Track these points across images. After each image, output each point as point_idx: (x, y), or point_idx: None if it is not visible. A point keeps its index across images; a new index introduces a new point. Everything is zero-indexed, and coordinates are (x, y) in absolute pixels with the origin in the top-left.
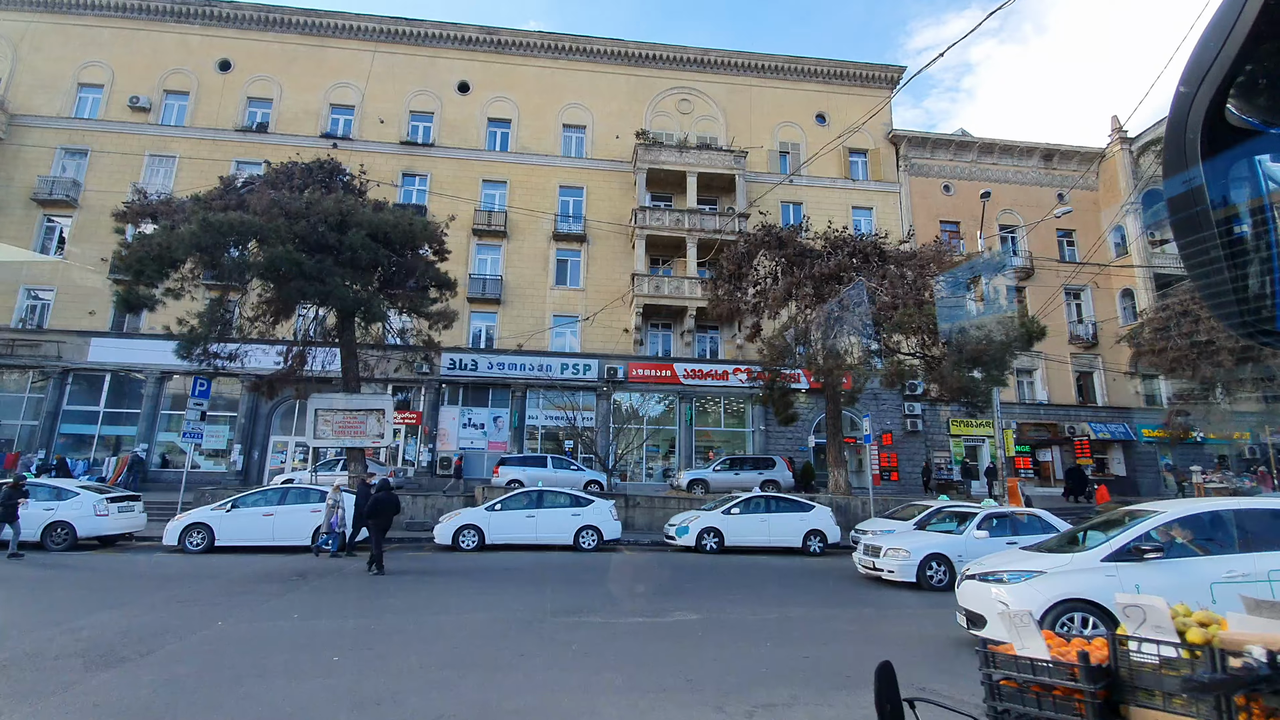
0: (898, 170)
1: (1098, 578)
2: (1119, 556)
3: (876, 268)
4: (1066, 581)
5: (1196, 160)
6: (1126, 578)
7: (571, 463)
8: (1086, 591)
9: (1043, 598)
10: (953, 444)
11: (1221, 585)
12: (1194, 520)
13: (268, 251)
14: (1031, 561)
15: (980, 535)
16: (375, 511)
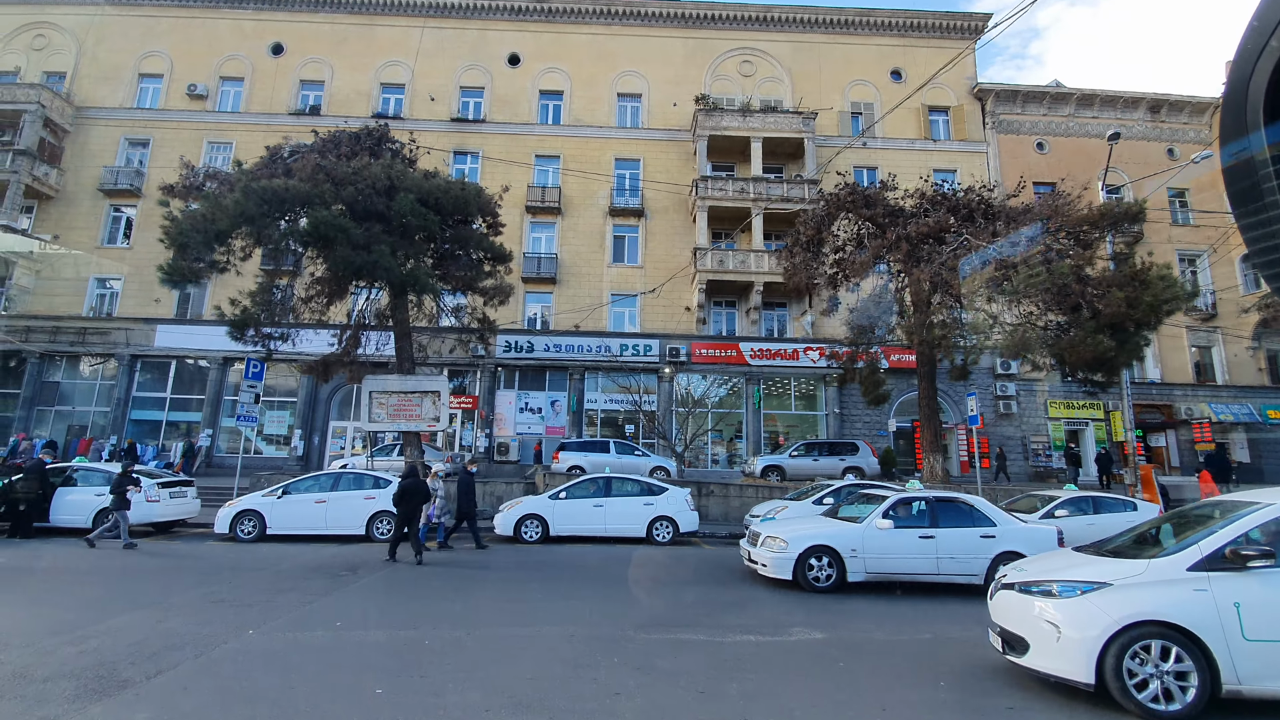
0: (984, 128)
1: (1182, 592)
2: (1212, 564)
3: (984, 225)
4: (1139, 597)
5: (1258, 127)
6: (1223, 593)
7: (635, 448)
8: (1168, 612)
9: (1108, 618)
10: (1051, 427)
11: None
12: None
13: (312, 216)
14: (1091, 567)
15: (884, 525)
16: (402, 498)
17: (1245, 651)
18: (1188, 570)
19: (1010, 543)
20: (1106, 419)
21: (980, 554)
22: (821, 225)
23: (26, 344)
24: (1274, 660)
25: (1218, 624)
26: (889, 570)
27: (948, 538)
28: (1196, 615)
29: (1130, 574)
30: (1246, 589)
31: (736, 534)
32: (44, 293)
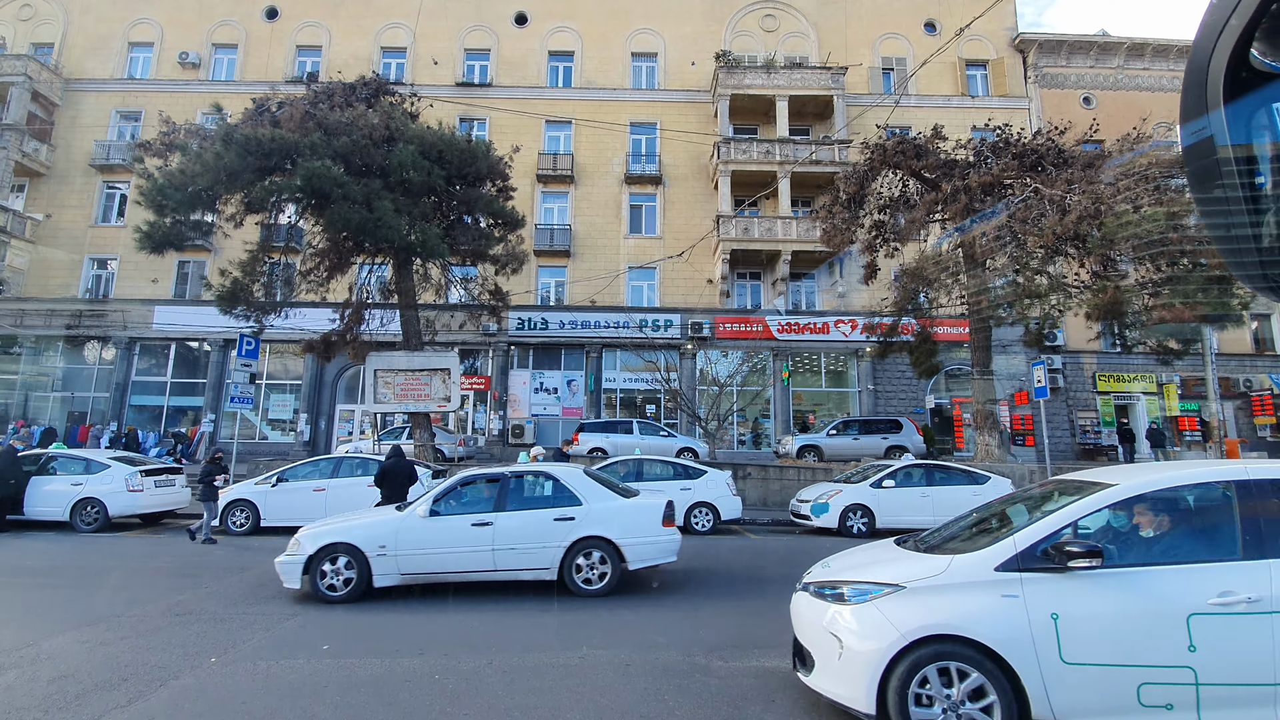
0: (1025, 82)
1: (987, 599)
2: (1027, 563)
3: (1055, 173)
4: (934, 604)
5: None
6: (1039, 601)
7: (660, 428)
8: (965, 624)
9: (894, 632)
10: (1100, 402)
11: (1206, 619)
12: (1168, 500)
13: (303, 168)
14: (895, 566)
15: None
16: (383, 480)
17: (1062, 677)
18: (996, 570)
19: (594, 525)
20: (1159, 392)
21: (552, 541)
22: (865, 181)
23: (21, 328)
24: (1097, 689)
25: (1029, 641)
26: (429, 570)
27: (509, 524)
28: (1002, 629)
29: (927, 574)
30: (1067, 596)
31: (779, 520)
32: (38, 274)
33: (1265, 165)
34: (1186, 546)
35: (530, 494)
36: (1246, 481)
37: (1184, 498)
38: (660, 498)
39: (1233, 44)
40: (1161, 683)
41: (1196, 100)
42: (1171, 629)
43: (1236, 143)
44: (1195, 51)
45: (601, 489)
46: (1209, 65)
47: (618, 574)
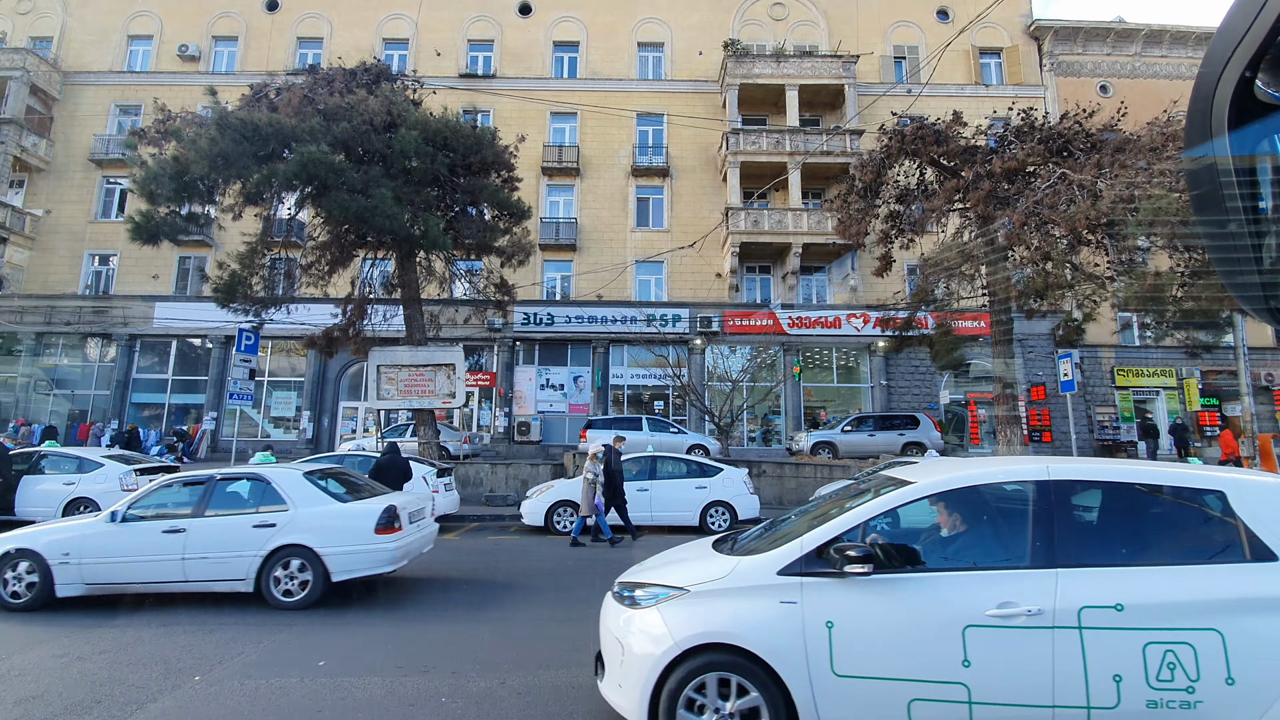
0: (1041, 70)
1: (765, 605)
2: (809, 566)
3: (1083, 158)
4: (712, 610)
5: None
6: (814, 608)
7: (670, 424)
8: (739, 631)
9: (670, 639)
10: (1119, 397)
11: (983, 632)
12: (963, 501)
13: (299, 153)
14: (691, 567)
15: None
16: (378, 475)
17: (833, 691)
18: (778, 575)
19: (295, 532)
20: (1179, 387)
21: (248, 550)
22: (882, 169)
23: (21, 325)
24: (867, 704)
25: (801, 651)
26: (115, 580)
27: (203, 531)
28: (776, 638)
29: (713, 577)
30: (844, 604)
31: None
32: (38, 271)
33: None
34: (974, 552)
35: (235, 498)
36: (1045, 483)
37: (979, 499)
38: (380, 502)
39: (1238, 75)
40: (933, 699)
41: (1200, 127)
42: (946, 641)
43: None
44: (1200, 80)
45: (318, 493)
46: (1214, 94)
47: (320, 585)
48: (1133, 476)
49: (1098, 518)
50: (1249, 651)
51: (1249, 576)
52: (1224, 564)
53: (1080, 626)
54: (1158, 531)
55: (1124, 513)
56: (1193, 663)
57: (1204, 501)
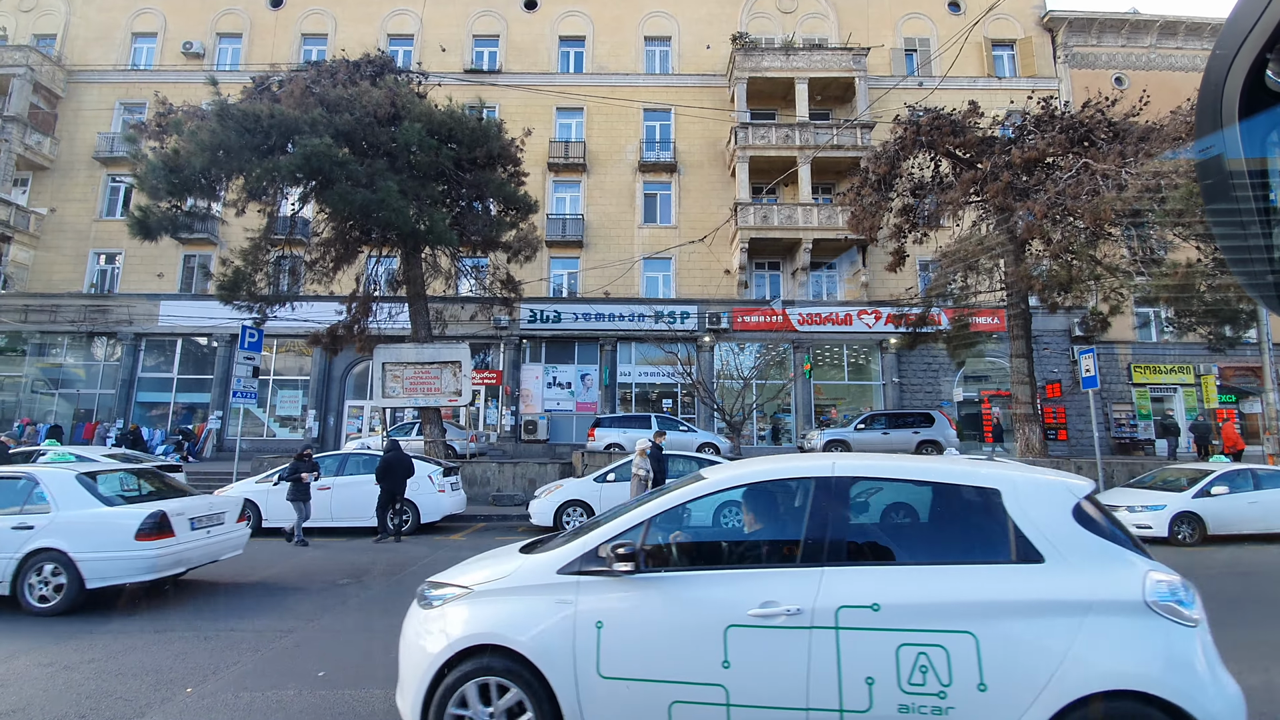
0: (1055, 62)
1: (541, 606)
2: (587, 565)
3: (1106, 147)
4: (488, 611)
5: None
6: (587, 608)
7: (679, 422)
8: (509, 633)
9: (445, 641)
10: (1136, 395)
11: (744, 632)
12: (750, 498)
13: (302, 145)
14: (485, 566)
15: None
16: (387, 473)
17: (598, 693)
18: (557, 574)
19: (52, 536)
20: (1197, 384)
21: (3, 553)
22: (896, 161)
23: (26, 324)
24: (630, 707)
25: (569, 652)
26: None
27: None
28: (545, 639)
29: (497, 577)
30: (615, 604)
31: None
32: (43, 269)
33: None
34: (750, 550)
35: (4, 497)
36: (826, 479)
37: (768, 496)
38: (147, 508)
39: (1249, 64)
40: (693, 701)
41: (1210, 117)
42: (709, 642)
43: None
44: (1210, 69)
45: (84, 495)
46: (1224, 83)
47: (74, 592)
48: (913, 474)
49: (873, 515)
50: (1003, 656)
51: (1010, 578)
52: (988, 565)
53: (837, 627)
54: (930, 530)
55: (899, 510)
56: (945, 666)
57: (980, 500)
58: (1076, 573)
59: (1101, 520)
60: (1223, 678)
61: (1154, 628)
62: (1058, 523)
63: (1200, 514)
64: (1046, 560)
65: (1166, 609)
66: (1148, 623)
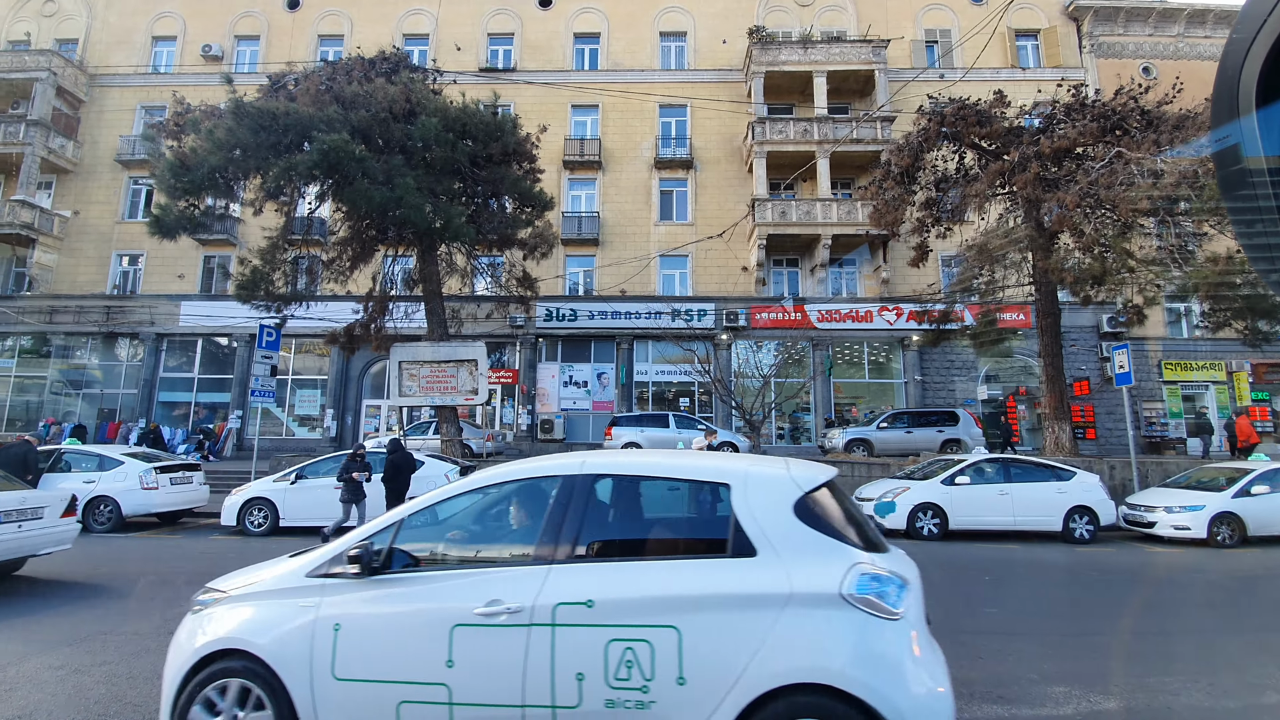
0: (1080, 52)
1: (285, 609)
2: (334, 567)
3: (1139, 136)
4: (238, 614)
5: (1250, 110)
6: (329, 610)
7: (697, 421)
8: (250, 637)
9: (192, 646)
10: (1166, 392)
11: (467, 631)
12: (504, 496)
13: (319, 142)
14: (257, 570)
15: None
16: (397, 474)
17: (332, 695)
18: (306, 577)
19: None
20: (1229, 381)
21: None
22: (919, 153)
23: (51, 325)
24: (362, 708)
25: (307, 655)
26: None
27: None
28: (286, 643)
29: (254, 580)
30: (352, 605)
31: None
32: (67, 271)
33: None
34: (496, 550)
35: None
36: (571, 477)
37: (519, 495)
38: None
39: (1265, 52)
40: (419, 701)
41: (1226, 107)
42: (435, 641)
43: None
44: (1226, 58)
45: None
46: (1240, 72)
47: None
48: (654, 470)
49: (609, 513)
50: (702, 650)
51: (718, 572)
52: (703, 559)
53: (554, 624)
54: (660, 524)
55: (632, 506)
56: (649, 661)
57: (710, 495)
58: (783, 566)
59: (827, 514)
60: (918, 673)
61: (847, 620)
62: (776, 517)
63: (1240, 514)
64: (759, 554)
65: (863, 601)
66: (842, 615)
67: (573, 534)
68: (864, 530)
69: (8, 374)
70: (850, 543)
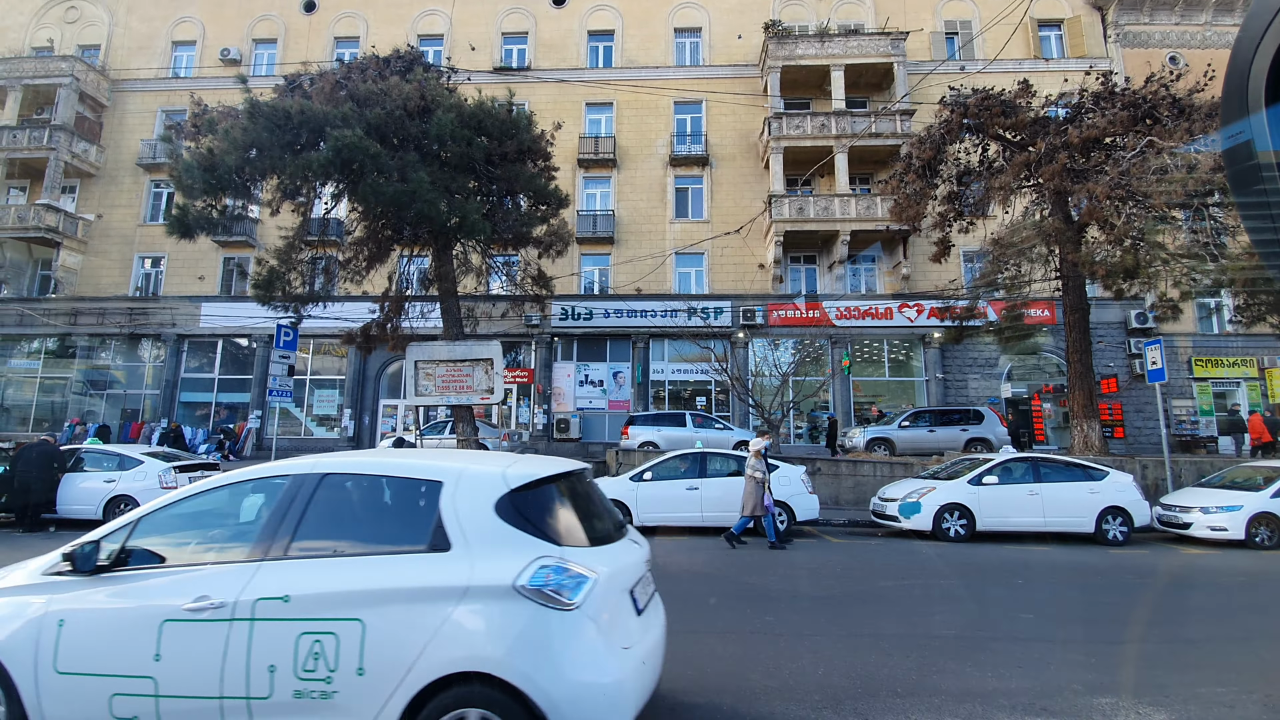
0: (1105, 42)
1: (20, 606)
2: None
3: (1170, 125)
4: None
5: (1260, 108)
6: (56, 606)
7: (714, 420)
8: None
9: None
10: (1196, 389)
11: (176, 626)
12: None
13: (333, 138)
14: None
15: None
16: None
17: (54, 689)
18: (43, 575)
19: None
20: (1261, 377)
21: None
22: (941, 145)
23: (76, 327)
24: (79, 701)
25: (33, 650)
26: None
27: None
28: (15, 638)
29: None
30: (75, 602)
31: (857, 521)
32: (90, 274)
33: None
34: (217, 547)
35: None
36: (300, 476)
37: (250, 493)
38: None
39: (1275, 48)
40: (130, 694)
41: (1237, 104)
42: (145, 636)
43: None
44: (1235, 55)
45: None
46: (1250, 69)
47: None
48: (374, 469)
49: (328, 511)
50: (382, 642)
51: (408, 566)
52: (400, 554)
53: (253, 619)
54: (371, 522)
55: (352, 505)
56: (334, 653)
57: (423, 492)
58: (469, 560)
59: (533, 510)
60: (582, 662)
61: (517, 612)
62: (477, 513)
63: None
64: (453, 549)
65: (535, 593)
66: (514, 607)
67: (289, 531)
68: (589, 524)
69: (34, 375)
70: (548, 538)
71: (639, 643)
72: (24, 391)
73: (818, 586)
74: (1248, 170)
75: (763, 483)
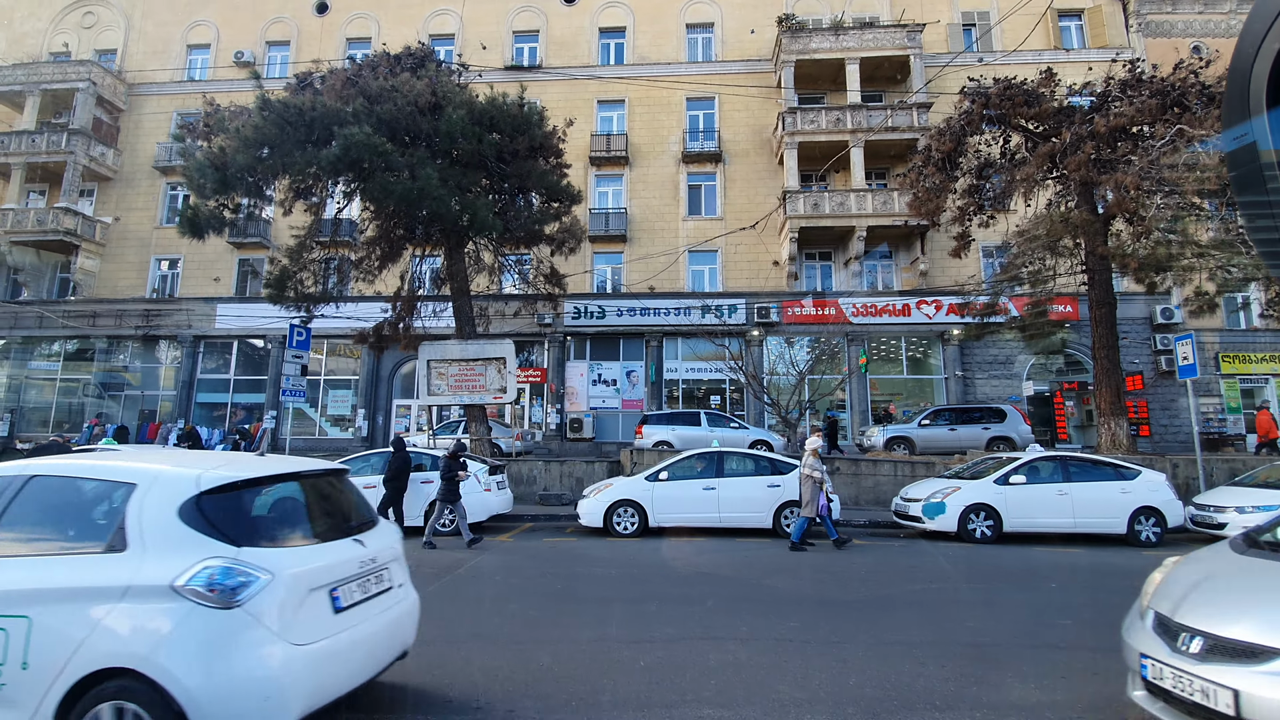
0: (1127, 32)
1: None
2: None
3: (1201, 112)
4: None
5: (1260, 112)
6: None
7: (730, 419)
8: None
9: None
10: (1224, 386)
11: None
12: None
13: (342, 136)
14: None
15: None
16: (399, 474)
17: None
18: None
19: None
20: None
21: None
22: (961, 136)
23: (94, 329)
24: None
25: None
26: None
27: None
28: None
29: None
30: None
31: (876, 521)
32: (108, 276)
33: None
34: None
35: None
36: (15, 478)
37: None
38: None
39: (1275, 51)
40: None
41: (1239, 106)
42: None
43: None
44: (1237, 58)
45: None
46: (1251, 71)
47: None
48: (85, 471)
49: (20, 512)
50: (45, 638)
51: (79, 566)
52: (76, 555)
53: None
54: (61, 523)
55: (46, 506)
56: (3, 648)
57: (114, 492)
58: (138, 561)
59: (220, 513)
60: (232, 660)
61: (172, 610)
62: (158, 515)
63: None
64: (129, 549)
65: (193, 593)
66: (170, 605)
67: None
68: (310, 525)
69: (52, 377)
70: (229, 539)
71: (326, 639)
72: (44, 394)
73: (842, 590)
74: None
75: (820, 482)
